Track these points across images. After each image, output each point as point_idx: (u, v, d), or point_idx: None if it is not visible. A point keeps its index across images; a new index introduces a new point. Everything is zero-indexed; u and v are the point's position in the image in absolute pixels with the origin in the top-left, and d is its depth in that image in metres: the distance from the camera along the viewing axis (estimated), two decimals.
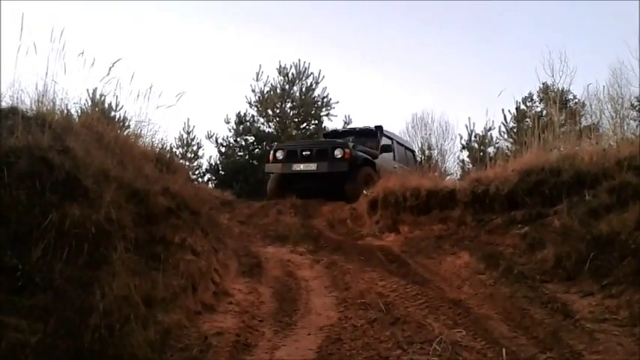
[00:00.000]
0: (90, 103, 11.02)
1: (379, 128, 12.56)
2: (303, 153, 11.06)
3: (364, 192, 9.56)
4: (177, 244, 4.56)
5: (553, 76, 15.37)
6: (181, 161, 14.04)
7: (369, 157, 11.19)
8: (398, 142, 13.23)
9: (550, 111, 12.18)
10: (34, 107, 5.13)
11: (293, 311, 4.32)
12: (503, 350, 2.93)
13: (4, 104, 4.99)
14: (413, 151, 14.37)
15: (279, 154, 11.36)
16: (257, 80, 20.10)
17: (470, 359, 3.12)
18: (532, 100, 16.86)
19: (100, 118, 7.11)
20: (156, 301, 3.59)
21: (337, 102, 20.17)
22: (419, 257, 6.27)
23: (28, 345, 2.61)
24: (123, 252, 3.79)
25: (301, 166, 10.88)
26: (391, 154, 12.31)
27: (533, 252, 5.18)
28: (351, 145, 10.96)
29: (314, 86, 20.15)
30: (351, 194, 10.20)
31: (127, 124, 9.55)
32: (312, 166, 10.76)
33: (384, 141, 12.43)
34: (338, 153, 10.69)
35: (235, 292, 4.67)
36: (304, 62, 20.27)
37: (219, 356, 3.26)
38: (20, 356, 2.52)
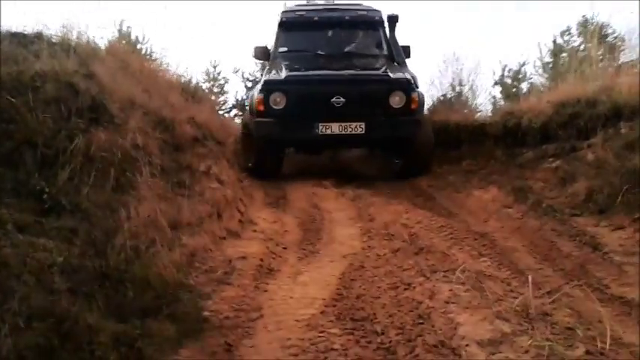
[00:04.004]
0: (117, 34, 10.98)
1: (394, 19, 7.48)
2: (334, 100, 6.22)
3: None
4: (202, 172, 4.60)
5: (592, 9, 14.69)
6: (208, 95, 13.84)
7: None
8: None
9: (588, 46, 11.66)
10: (59, 33, 5.11)
11: (317, 240, 4.34)
12: (530, 277, 2.89)
13: (29, 30, 4.98)
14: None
15: (278, 97, 6.30)
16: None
17: (494, 288, 3.09)
18: (570, 33, 16.14)
19: (126, 47, 7.09)
20: (181, 225, 3.64)
21: None
22: (446, 191, 6.21)
23: (55, 264, 2.67)
24: (149, 177, 3.83)
25: (334, 127, 6.23)
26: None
27: (564, 186, 5.07)
28: (409, 75, 6.61)
29: None
30: (421, 166, 6.88)
31: (153, 56, 9.53)
32: (355, 128, 6.24)
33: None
34: (396, 100, 6.33)
35: (260, 221, 4.70)
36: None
37: (243, 279, 3.31)
38: (47, 275, 2.58)
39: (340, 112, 6.20)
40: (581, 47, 13.89)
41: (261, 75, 8.15)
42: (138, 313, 2.55)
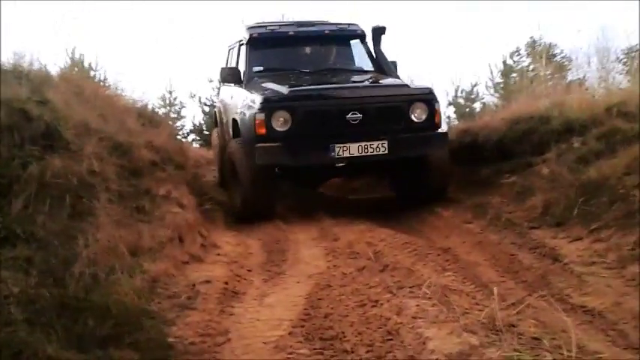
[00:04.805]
0: (69, 61, 10.82)
1: (380, 31, 6.53)
2: (350, 116, 5.36)
3: None
4: (162, 197, 4.52)
5: (539, 30, 15.33)
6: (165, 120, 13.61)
7: None
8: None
9: (536, 66, 12.10)
10: (10, 60, 5.02)
11: (282, 261, 4.30)
12: (495, 290, 2.92)
13: None
14: None
15: (283, 117, 5.35)
16: None
17: (460, 301, 3.11)
18: (519, 54, 16.73)
19: (80, 73, 6.98)
20: (142, 251, 3.56)
21: None
22: (407, 209, 6.25)
23: (11, 295, 2.57)
24: (107, 203, 3.74)
25: (353, 149, 5.35)
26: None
27: (522, 200, 5.18)
28: (430, 87, 5.92)
29: None
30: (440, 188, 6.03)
31: (107, 83, 9.39)
32: (378, 148, 5.39)
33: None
34: (418, 112, 5.59)
35: (223, 244, 4.64)
36: (288, 19, 19.86)
37: (207, 303, 3.24)
38: (4, 306, 2.48)
39: (358, 130, 5.38)
40: (530, 67, 14.42)
41: (221, 101, 7.43)
42: (99, 343, 2.46)
